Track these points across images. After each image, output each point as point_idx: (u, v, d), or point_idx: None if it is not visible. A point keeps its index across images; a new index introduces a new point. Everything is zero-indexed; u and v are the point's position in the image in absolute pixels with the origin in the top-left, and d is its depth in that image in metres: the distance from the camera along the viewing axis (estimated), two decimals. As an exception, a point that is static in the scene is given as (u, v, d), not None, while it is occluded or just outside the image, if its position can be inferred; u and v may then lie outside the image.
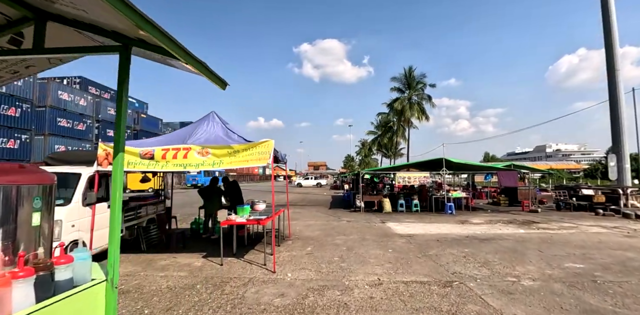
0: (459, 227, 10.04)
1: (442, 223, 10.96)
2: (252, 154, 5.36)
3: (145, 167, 5.45)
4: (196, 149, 5.43)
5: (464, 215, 13.20)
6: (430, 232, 9.10)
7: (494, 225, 10.60)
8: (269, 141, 5.39)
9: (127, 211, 6.47)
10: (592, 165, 58.29)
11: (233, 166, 5.38)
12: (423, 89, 42.04)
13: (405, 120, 43.01)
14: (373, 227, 10.09)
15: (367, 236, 8.48)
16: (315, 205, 17.40)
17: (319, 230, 9.51)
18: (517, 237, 8.36)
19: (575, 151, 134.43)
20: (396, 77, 42.04)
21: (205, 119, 6.65)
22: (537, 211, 13.90)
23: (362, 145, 69.43)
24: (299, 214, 13.54)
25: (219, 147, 5.42)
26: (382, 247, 7.18)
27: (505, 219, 12.01)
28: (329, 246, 7.27)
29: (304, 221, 11.35)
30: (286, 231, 8.78)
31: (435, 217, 12.46)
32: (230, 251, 6.61)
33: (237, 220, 5.86)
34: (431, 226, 10.26)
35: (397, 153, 53.50)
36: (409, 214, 13.66)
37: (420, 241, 7.87)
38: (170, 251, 6.79)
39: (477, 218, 12.28)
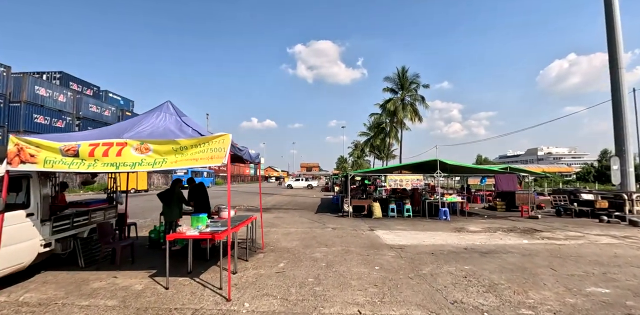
0: (456, 237, 9.02)
1: (436, 231, 9.94)
2: (204, 151, 4.25)
3: (66, 167, 4.30)
4: (133, 144, 4.31)
5: (460, 221, 12.22)
6: (424, 243, 8.07)
7: (493, 233, 9.62)
8: (225, 135, 4.30)
9: (58, 219, 5.31)
10: (585, 168, 58.15)
11: (178, 166, 4.27)
12: (416, 89, 41.29)
13: (398, 121, 42.24)
14: (360, 235, 9.02)
15: (352, 248, 7.41)
16: (300, 209, 16.31)
17: (298, 239, 8.41)
18: (522, 250, 7.36)
19: (566, 154, 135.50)
20: (389, 77, 41.24)
21: (156, 109, 5.52)
22: (537, 217, 12.98)
23: (354, 146, 68.63)
24: (280, 219, 12.42)
25: (162, 142, 4.31)
26: (368, 263, 6.11)
27: (505, 226, 11.05)
28: (306, 261, 6.17)
29: (284, 228, 10.25)
30: (260, 241, 7.67)
31: (428, 224, 11.44)
32: (186, 268, 5.49)
33: (187, 234, 4.74)
34: (424, 235, 9.23)
35: (390, 155, 52.74)
36: (401, 219, 12.64)
37: (412, 254, 6.82)
38: (115, 268, 5.64)
39: (474, 225, 11.30)
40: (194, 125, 5.12)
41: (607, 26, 14.79)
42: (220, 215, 6.70)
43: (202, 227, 5.04)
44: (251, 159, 6.17)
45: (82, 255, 5.69)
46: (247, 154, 5.74)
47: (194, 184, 7.47)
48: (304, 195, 29.35)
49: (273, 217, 12.94)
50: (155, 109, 5.59)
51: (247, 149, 5.65)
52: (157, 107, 5.62)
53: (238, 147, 5.01)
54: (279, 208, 16.91)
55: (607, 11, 14.69)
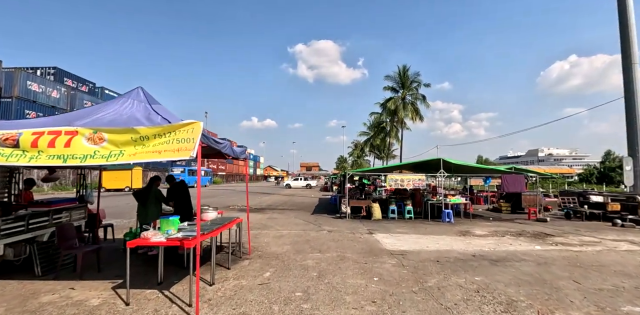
0: (461, 241, 8.31)
1: (440, 235, 9.23)
2: (169, 142, 3.55)
3: (4, 159, 3.59)
4: (85, 133, 3.60)
5: (464, 224, 11.51)
6: (428, 249, 7.35)
7: (501, 238, 8.91)
8: (195, 123, 3.59)
9: (8, 221, 4.60)
10: (587, 169, 57.40)
11: (138, 160, 3.56)
12: (417, 88, 40.53)
13: (399, 121, 41.52)
14: (358, 239, 8.31)
15: (349, 254, 6.70)
16: (297, 210, 15.59)
17: (290, 243, 7.70)
18: (536, 258, 6.66)
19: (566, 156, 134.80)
20: (390, 75, 40.49)
21: (124, 95, 4.82)
22: (546, 220, 12.26)
23: (354, 146, 67.90)
24: (274, 220, 11.70)
25: (119, 131, 3.60)
26: (366, 272, 5.40)
27: (513, 230, 10.33)
28: (296, 270, 5.46)
29: (276, 230, 9.53)
30: (246, 244, 6.96)
31: (431, 227, 10.73)
32: (156, 278, 4.79)
33: (152, 240, 4.03)
34: (428, 239, 8.52)
35: (390, 154, 52.03)
36: (401, 222, 11.92)
37: (415, 262, 6.11)
38: (76, 277, 4.92)
39: (479, 228, 10.59)
40: (166, 114, 4.40)
41: (619, 19, 14.08)
42: (202, 217, 6.00)
43: (172, 231, 4.32)
44: (234, 154, 5.46)
45: (39, 262, 4.98)
46: (229, 148, 5.03)
47: (174, 182, 6.76)
48: (302, 195, 28.64)
49: (267, 218, 12.23)
50: (122, 95, 4.89)
51: (227, 143, 4.94)
52: (125, 94, 4.92)
53: (215, 139, 4.30)
54: (274, 208, 16.20)
55: (620, 1, 13.99)
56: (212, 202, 19.22)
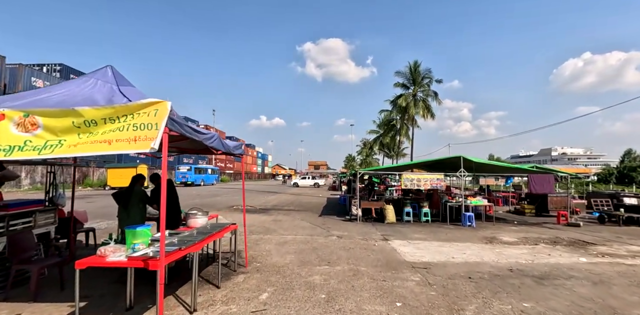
0: (490, 250, 7.25)
1: (463, 242, 8.17)
2: (123, 128, 2.60)
3: None
4: (13, 116, 2.67)
5: (487, 228, 10.41)
6: (454, 260, 6.31)
7: (535, 246, 7.82)
8: (159, 104, 2.64)
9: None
10: (606, 169, 55.27)
11: (80, 152, 2.62)
12: (429, 84, 39.23)
13: (410, 118, 40.24)
14: (372, 247, 7.30)
15: (362, 267, 5.70)
16: (304, 211, 14.62)
17: (295, 252, 6.72)
18: (587, 274, 5.57)
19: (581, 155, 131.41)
20: (400, 71, 39.25)
21: (88, 75, 3.88)
22: (579, 225, 11.08)
23: (363, 145, 66.70)
24: (278, 223, 10.75)
25: (57, 113, 2.66)
26: (385, 294, 4.40)
27: (545, 236, 9.21)
28: (300, 290, 4.48)
29: (280, 235, 8.57)
30: (243, 254, 6.00)
31: (451, 232, 9.66)
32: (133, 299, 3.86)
33: (109, 259, 3.08)
34: (451, 247, 7.47)
35: (400, 153, 50.68)
36: (418, 225, 10.87)
37: (442, 279, 5.09)
38: (31, 297, 4.01)
39: (506, 234, 9.48)
40: (136, 97, 3.45)
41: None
42: (189, 224, 5.07)
43: (140, 246, 3.37)
44: (225, 148, 4.50)
45: (-13, 278, 4.09)
46: (217, 141, 4.06)
47: (160, 182, 5.83)
48: (310, 194, 27.69)
49: (271, 220, 11.29)
50: (85, 74, 3.96)
51: (214, 134, 3.97)
52: (90, 73, 3.98)
53: (195, 127, 3.33)
54: (280, 209, 15.26)
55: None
56: (215, 202, 18.39)
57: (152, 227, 5.45)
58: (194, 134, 3.23)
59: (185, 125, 3.01)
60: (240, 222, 11.11)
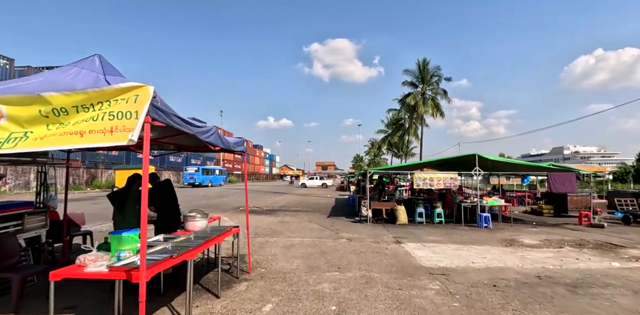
0: (512, 254, 6.74)
1: (482, 244, 7.66)
2: (97, 117, 2.22)
3: None
4: (-27, 105, 2.30)
5: (505, 230, 9.86)
6: (474, 265, 5.83)
7: (560, 249, 7.28)
8: (139, 89, 2.24)
9: None
10: (622, 168, 53.75)
11: (48, 146, 2.24)
12: (438, 82, 38.53)
13: (419, 117, 39.56)
14: (384, 251, 6.85)
15: (375, 273, 5.25)
16: (311, 212, 14.20)
17: (302, 256, 6.30)
18: (624, 281, 5.05)
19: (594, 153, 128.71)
20: (409, 70, 38.63)
21: (73, 64, 3.51)
22: (603, 226, 10.46)
23: (371, 145, 66.10)
24: (285, 225, 10.34)
25: (22, 100, 2.29)
26: (402, 305, 3.95)
27: (569, 238, 8.65)
28: (307, 301, 4.06)
29: (287, 238, 8.16)
30: (246, 258, 5.60)
31: (467, 234, 9.15)
32: (122, 312, 3.48)
33: (87, 270, 2.69)
34: (470, 251, 6.98)
35: (409, 153, 49.99)
36: (431, 227, 10.37)
37: (465, 287, 4.62)
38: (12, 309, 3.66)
39: (526, 236, 8.94)
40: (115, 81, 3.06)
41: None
42: (187, 227, 4.69)
43: (126, 253, 2.99)
44: (225, 144, 4.10)
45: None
46: (214, 137, 3.65)
47: (158, 182, 5.46)
48: (318, 194, 27.26)
49: (277, 222, 10.89)
50: (71, 63, 3.60)
51: (211, 128, 3.57)
52: (76, 62, 3.61)
53: (184, 118, 2.92)
54: (287, 210, 14.86)
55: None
56: (221, 203, 18.07)
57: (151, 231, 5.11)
58: (185, 125, 2.83)
59: (173, 114, 2.61)
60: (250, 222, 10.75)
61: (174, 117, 2.63)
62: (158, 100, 2.36)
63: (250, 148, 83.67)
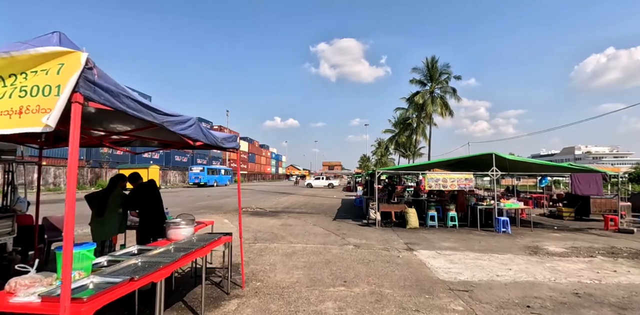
0: (540, 264, 6.00)
1: (503, 252, 6.93)
2: (5, 94, 1.57)
3: None
4: None
5: (525, 235, 9.10)
6: (499, 279, 5.11)
7: (591, 259, 6.52)
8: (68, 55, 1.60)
9: None
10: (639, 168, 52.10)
11: None
12: (447, 81, 37.59)
13: (427, 116, 38.67)
14: (395, 260, 6.15)
15: (387, 288, 4.57)
16: (317, 214, 13.53)
17: (304, 266, 5.64)
18: (681, 301, 4.30)
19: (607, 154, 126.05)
20: (417, 67, 37.76)
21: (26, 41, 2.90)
22: (632, 231, 9.63)
23: (378, 144, 65.25)
24: (288, 228, 9.70)
25: None
26: (422, 333, 3.27)
27: (598, 245, 7.86)
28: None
29: (288, 243, 7.51)
30: (241, 268, 4.96)
31: (485, 240, 8.41)
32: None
33: (13, 300, 2.06)
34: (491, 260, 6.26)
35: (417, 153, 49.06)
36: (444, 231, 9.64)
37: (493, 308, 3.92)
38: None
39: (549, 242, 8.18)
40: None
41: None
42: (170, 236, 4.06)
43: (75, 274, 2.36)
44: (210, 140, 3.44)
45: None
46: (194, 129, 3.01)
47: (140, 182, 4.85)
48: (324, 195, 26.59)
49: (280, 225, 10.25)
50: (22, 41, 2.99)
51: (191, 119, 2.92)
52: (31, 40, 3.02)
53: (146, 103, 2.26)
54: (291, 212, 14.22)
55: None
56: (224, 203, 17.44)
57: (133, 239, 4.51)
58: (145, 112, 2.18)
59: (124, 95, 1.97)
60: (249, 226, 10.16)
61: (127, 99, 1.99)
62: (95, 73, 1.72)
63: (257, 148, 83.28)
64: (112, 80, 1.91)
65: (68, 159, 1.61)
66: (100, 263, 3.02)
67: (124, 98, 1.96)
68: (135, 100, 2.09)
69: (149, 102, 2.34)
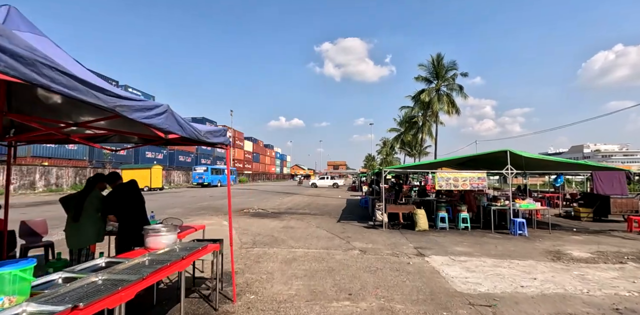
0: (566, 273, 5.40)
1: (523, 258, 6.33)
2: None
3: None
4: None
5: (544, 238, 8.47)
6: (524, 290, 4.53)
7: (622, 265, 5.90)
8: None
9: None
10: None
11: None
12: (454, 78, 36.81)
13: (433, 114, 37.95)
14: (406, 268, 5.59)
15: (398, 303, 4.01)
16: (320, 215, 12.99)
17: (304, 275, 5.10)
18: None
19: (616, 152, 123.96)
20: (423, 64, 37.02)
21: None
22: (660, 234, 8.96)
23: (383, 144, 64.57)
24: (289, 231, 9.16)
25: None
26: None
27: (626, 249, 7.22)
28: (304, 352, 2.86)
29: (289, 248, 6.98)
30: (236, 277, 4.44)
31: (501, 243, 7.81)
32: None
33: None
34: (511, 268, 5.67)
35: (422, 151, 48.31)
36: (456, 234, 9.05)
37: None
38: None
39: (571, 245, 7.56)
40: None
41: None
42: (148, 244, 3.54)
43: (4, 300, 1.84)
44: (188, 132, 2.91)
45: None
46: (164, 118, 2.46)
47: (119, 183, 4.33)
48: (328, 195, 26.04)
49: (281, 227, 9.73)
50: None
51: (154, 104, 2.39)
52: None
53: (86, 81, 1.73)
54: (294, 213, 13.69)
55: None
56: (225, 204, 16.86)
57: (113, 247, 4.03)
58: (84, 91, 1.64)
59: (48, 65, 1.44)
60: (249, 228, 9.67)
61: (50, 71, 1.46)
62: None
63: (261, 148, 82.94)
64: (25, 42, 1.38)
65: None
66: (55, 281, 2.51)
67: (44, 68, 1.43)
68: (67, 73, 1.55)
69: (96, 79, 1.81)
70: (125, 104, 1.99)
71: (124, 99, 2.00)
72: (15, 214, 6.38)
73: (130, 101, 2.07)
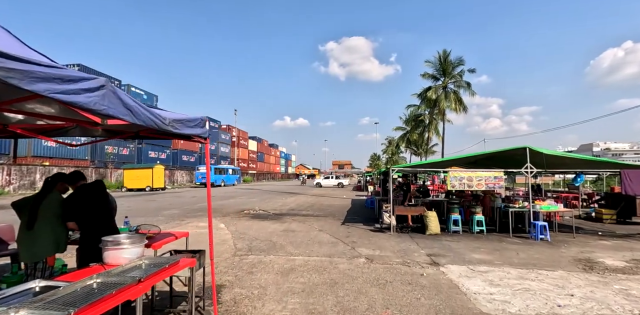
0: (605, 286, 4.66)
1: (551, 268, 5.59)
2: None
3: None
4: None
5: (569, 243, 7.71)
6: (562, 311, 3.80)
7: (668, 278, 5.14)
8: None
9: None
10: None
11: None
12: (461, 75, 35.86)
13: (440, 112, 37.04)
14: (419, 281, 4.88)
15: (413, 329, 3.31)
16: (324, 216, 12.29)
17: (302, 290, 4.42)
18: None
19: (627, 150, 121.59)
20: (430, 61, 36.13)
21: None
22: (697, 238, 8.14)
23: (388, 143, 63.66)
24: (290, 235, 8.48)
25: None
26: None
27: (666, 258, 6.45)
28: None
29: (287, 256, 6.30)
30: (223, 292, 3.77)
31: (522, 249, 7.06)
32: None
33: None
34: (540, 279, 4.93)
35: (429, 150, 47.37)
36: (470, 238, 8.31)
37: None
38: None
39: (601, 252, 6.80)
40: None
41: None
42: (107, 259, 2.89)
43: None
44: (144, 119, 2.24)
45: None
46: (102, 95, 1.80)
47: (81, 184, 3.68)
48: (333, 195, 25.33)
49: (281, 231, 9.06)
50: None
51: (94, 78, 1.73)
52: None
53: None
54: (296, 214, 13.01)
55: None
56: (226, 205, 16.27)
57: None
58: None
59: None
60: (246, 232, 9.00)
61: None
62: None
63: (266, 147, 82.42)
64: None
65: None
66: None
67: None
68: None
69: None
70: (16, 67, 1.32)
71: (30, 64, 1.33)
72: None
73: (32, 66, 1.40)
